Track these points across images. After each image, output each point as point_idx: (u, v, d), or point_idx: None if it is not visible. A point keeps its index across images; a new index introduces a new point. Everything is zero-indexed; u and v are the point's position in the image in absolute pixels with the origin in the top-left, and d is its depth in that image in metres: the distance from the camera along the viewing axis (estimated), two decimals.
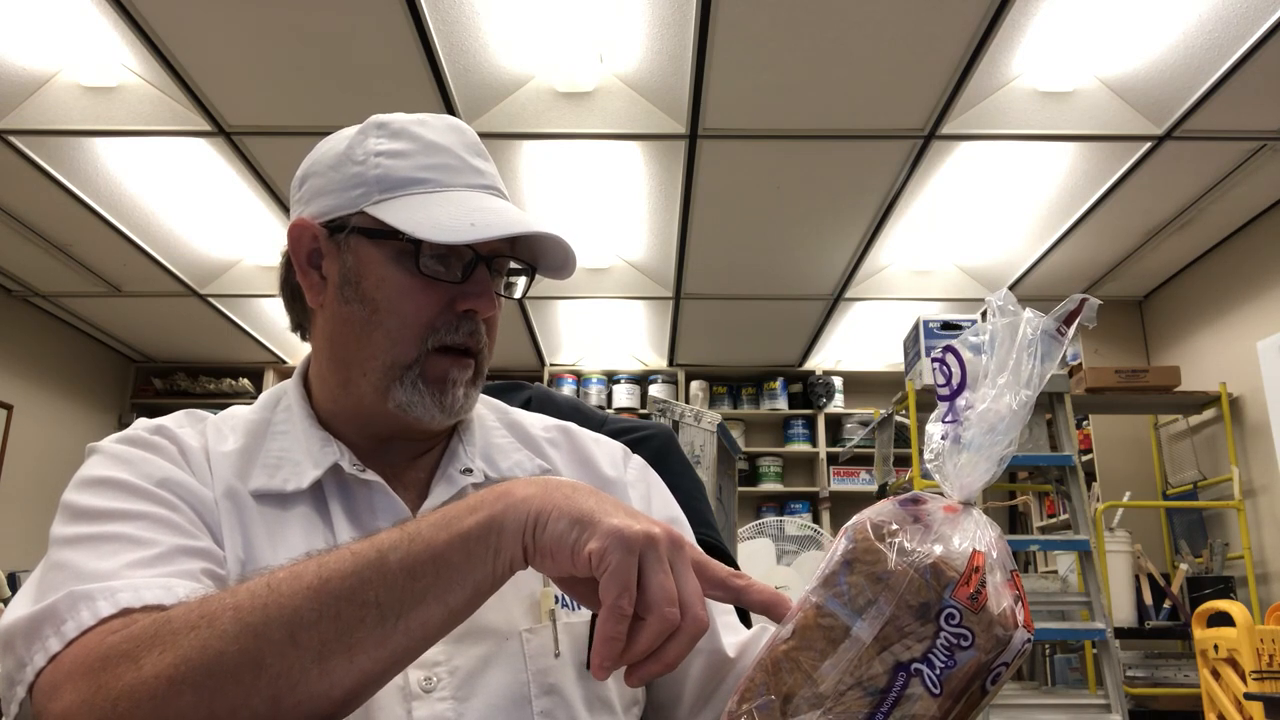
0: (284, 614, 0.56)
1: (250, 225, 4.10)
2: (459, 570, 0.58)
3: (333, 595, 0.57)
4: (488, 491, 0.61)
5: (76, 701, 0.56)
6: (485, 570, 0.59)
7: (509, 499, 0.60)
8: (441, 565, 0.58)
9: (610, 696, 0.77)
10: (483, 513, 0.59)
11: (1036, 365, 0.55)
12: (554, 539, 0.58)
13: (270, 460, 0.79)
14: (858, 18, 2.75)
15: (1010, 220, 4.08)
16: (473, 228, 0.75)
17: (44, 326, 5.20)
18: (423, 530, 0.59)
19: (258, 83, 3.07)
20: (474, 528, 0.59)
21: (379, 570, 0.57)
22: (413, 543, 0.59)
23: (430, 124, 0.82)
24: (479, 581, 0.59)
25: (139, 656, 0.57)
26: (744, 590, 0.61)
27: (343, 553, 0.59)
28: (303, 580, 0.58)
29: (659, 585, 0.56)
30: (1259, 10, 2.69)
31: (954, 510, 0.54)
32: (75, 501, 0.71)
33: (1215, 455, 4.38)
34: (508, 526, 0.59)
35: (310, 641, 0.56)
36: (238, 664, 0.55)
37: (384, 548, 0.59)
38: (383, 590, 0.57)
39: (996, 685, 0.52)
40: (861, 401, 6.15)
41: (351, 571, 0.58)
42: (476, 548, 0.58)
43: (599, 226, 4.16)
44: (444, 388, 0.79)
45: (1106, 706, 3.03)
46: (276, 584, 0.58)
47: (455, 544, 0.58)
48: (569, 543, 0.57)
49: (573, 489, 0.60)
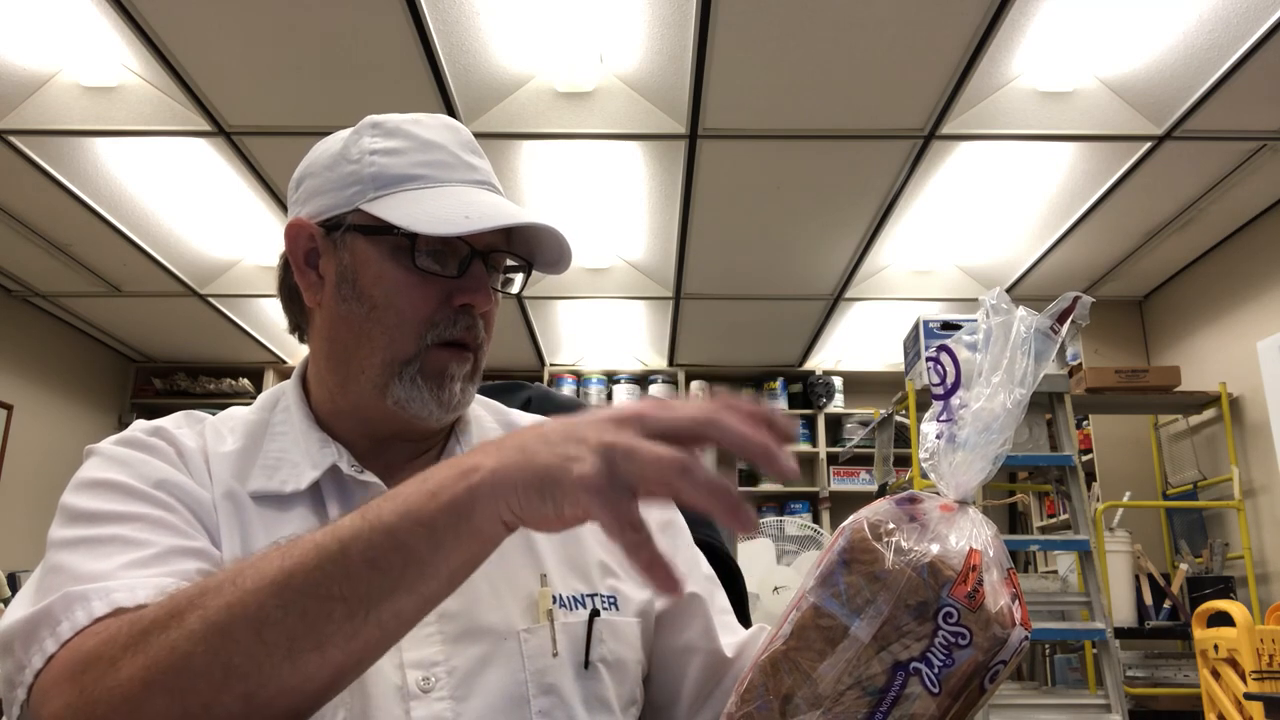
0: (248, 611, 0.55)
1: (250, 225, 4.10)
2: (427, 562, 0.55)
3: (296, 591, 0.55)
4: (445, 470, 0.57)
5: (62, 706, 0.57)
6: (460, 559, 0.56)
7: (467, 478, 0.55)
8: (409, 557, 0.55)
9: (609, 696, 0.77)
10: (444, 497, 0.55)
11: (1030, 364, 0.55)
12: (530, 513, 0.54)
13: (269, 461, 0.79)
14: (858, 18, 2.75)
15: (1010, 220, 4.08)
16: (467, 220, 0.76)
17: (44, 326, 5.20)
18: (384, 517, 0.55)
19: (258, 83, 3.07)
20: (438, 514, 0.55)
21: (341, 564, 0.55)
22: (374, 532, 0.55)
23: (425, 122, 0.83)
24: (454, 571, 0.56)
25: (116, 658, 0.56)
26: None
27: (306, 544, 0.56)
28: (265, 576, 0.55)
29: (652, 466, 0.50)
30: (1259, 10, 2.69)
31: (950, 509, 0.54)
32: (73, 504, 0.71)
33: (1215, 455, 4.38)
34: (476, 511, 0.54)
35: (278, 639, 0.54)
36: (207, 664, 0.54)
37: (345, 538, 0.55)
38: (346, 584, 0.54)
39: (995, 683, 0.52)
40: (861, 401, 6.15)
41: (314, 565, 0.55)
42: (445, 536, 0.55)
43: (599, 226, 4.17)
44: (442, 382, 0.79)
45: (1106, 706, 3.03)
46: (241, 580, 0.56)
47: (420, 533, 0.55)
48: (548, 514, 0.53)
49: (524, 442, 0.55)
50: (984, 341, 0.56)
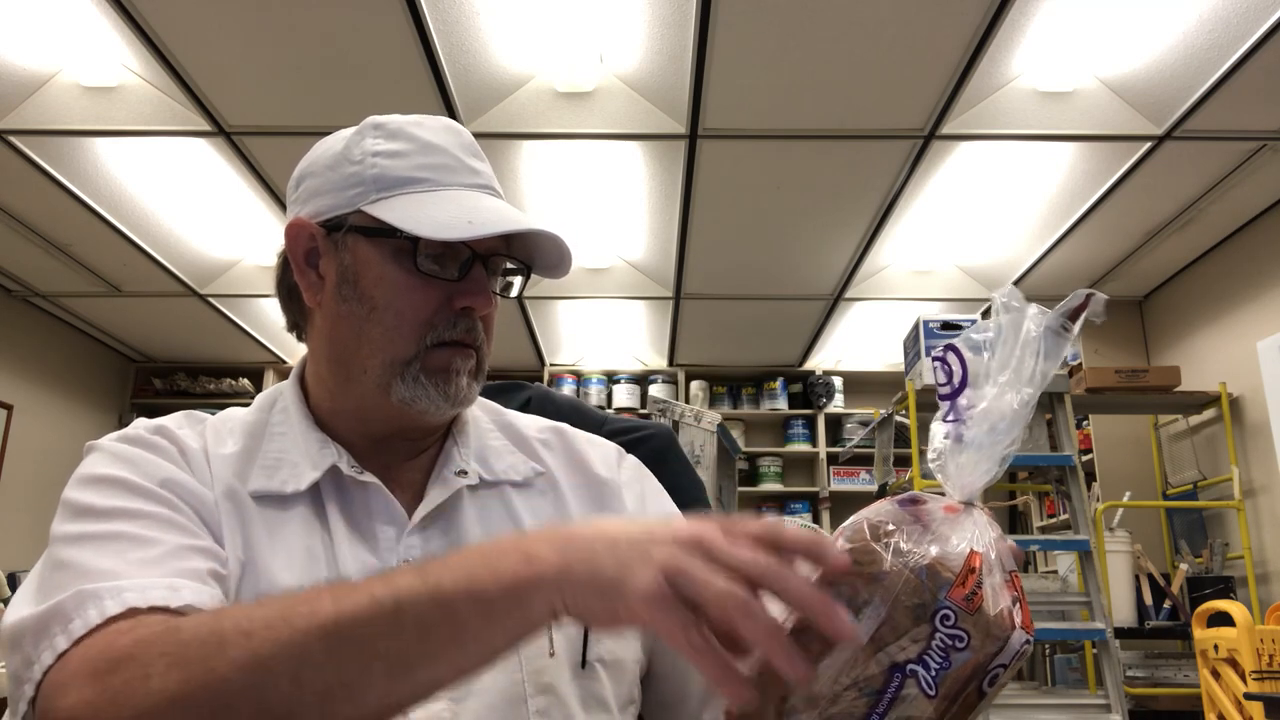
0: (293, 650, 0.55)
1: (250, 225, 4.10)
2: (477, 638, 0.56)
3: (343, 639, 0.55)
4: (508, 549, 0.57)
5: (83, 702, 0.56)
6: (505, 640, 0.56)
7: (532, 565, 0.55)
8: (460, 629, 0.55)
9: (606, 695, 0.77)
10: (505, 579, 0.55)
11: (1039, 363, 0.54)
12: (586, 612, 0.54)
13: (268, 462, 0.79)
14: (858, 18, 2.75)
15: (1010, 220, 4.08)
16: (470, 225, 0.76)
17: (44, 326, 5.20)
18: (444, 584, 0.56)
19: (258, 83, 3.07)
20: (497, 595, 0.55)
21: (393, 622, 0.55)
22: (431, 598, 0.56)
23: (426, 125, 0.83)
24: (497, 649, 0.57)
25: (147, 664, 0.56)
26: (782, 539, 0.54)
27: (361, 592, 0.57)
28: (316, 617, 0.56)
29: (714, 596, 0.51)
30: (1259, 10, 2.69)
31: (955, 510, 0.54)
32: (77, 499, 0.71)
33: (1215, 455, 4.38)
34: (533, 600, 0.55)
35: (315, 683, 0.55)
36: (241, 693, 0.55)
37: (402, 598, 0.56)
38: (394, 643, 0.55)
39: (995, 687, 0.52)
40: (861, 401, 6.14)
41: (366, 618, 0.55)
42: (499, 617, 0.55)
43: (599, 226, 4.16)
44: (447, 377, 0.79)
45: (1106, 706, 3.03)
46: (291, 615, 0.56)
47: (476, 610, 0.55)
48: (604, 617, 0.54)
49: (591, 544, 0.56)
50: (992, 340, 0.55)
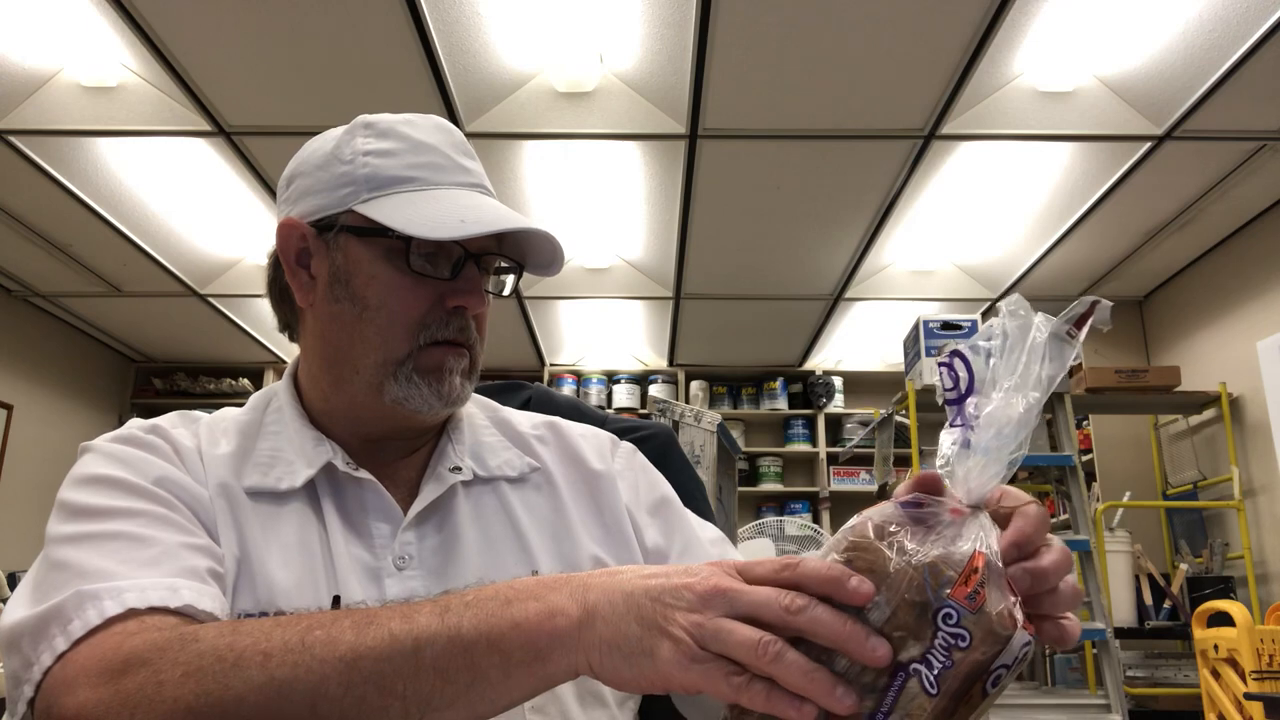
0: (311, 679, 0.55)
1: (250, 225, 4.10)
2: (494, 687, 0.56)
3: (361, 675, 0.55)
4: (528, 594, 0.57)
5: (92, 700, 0.56)
6: (522, 692, 0.56)
7: (555, 621, 0.55)
8: (477, 676, 0.55)
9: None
10: (526, 631, 0.55)
11: (1044, 369, 0.54)
12: (613, 676, 0.54)
13: (263, 459, 0.79)
14: (858, 18, 2.75)
15: (1010, 220, 4.08)
16: (463, 224, 0.76)
17: (44, 326, 5.20)
18: (463, 629, 0.56)
19: (258, 83, 3.07)
20: (515, 647, 0.55)
21: (411, 663, 0.55)
22: (450, 642, 0.55)
23: (417, 124, 0.83)
24: (514, 699, 0.57)
25: (161, 670, 0.56)
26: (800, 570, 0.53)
27: (381, 627, 0.57)
28: (336, 649, 0.56)
29: (745, 650, 0.50)
30: (1259, 10, 2.69)
31: (960, 514, 0.53)
32: (73, 499, 0.71)
33: (1215, 455, 4.38)
34: (554, 657, 0.55)
35: (330, 715, 0.55)
36: (256, 716, 0.55)
37: (421, 639, 0.56)
38: (411, 684, 0.55)
39: (998, 688, 0.52)
40: (861, 401, 6.14)
41: (385, 656, 0.55)
42: (516, 669, 0.55)
43: (599, 226, 4.16)
44: (441, 376, 0.79)
45: (1106, 706, 3.03)
46: (311, 642, 0.56)
47: (494, 660, 0.55)
48: (630, 680, 0.54)
49: (610, 598, 0.55)
50: (998, 346, 0.55)
